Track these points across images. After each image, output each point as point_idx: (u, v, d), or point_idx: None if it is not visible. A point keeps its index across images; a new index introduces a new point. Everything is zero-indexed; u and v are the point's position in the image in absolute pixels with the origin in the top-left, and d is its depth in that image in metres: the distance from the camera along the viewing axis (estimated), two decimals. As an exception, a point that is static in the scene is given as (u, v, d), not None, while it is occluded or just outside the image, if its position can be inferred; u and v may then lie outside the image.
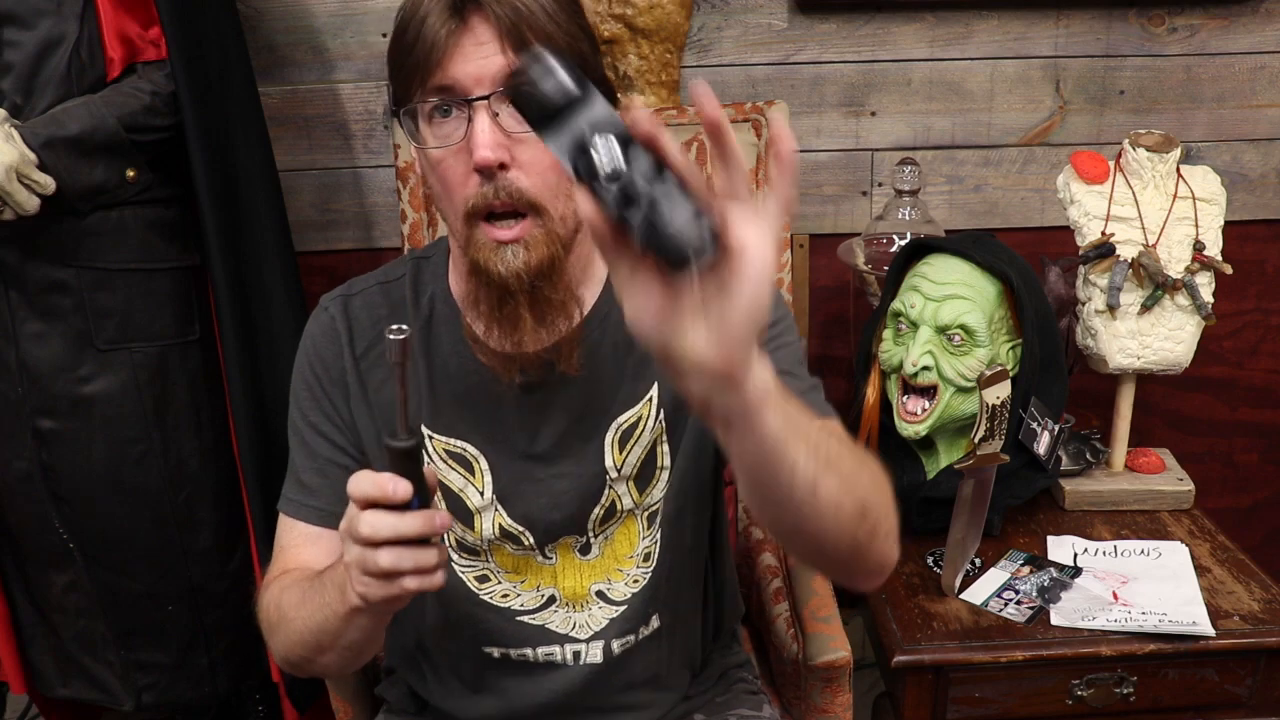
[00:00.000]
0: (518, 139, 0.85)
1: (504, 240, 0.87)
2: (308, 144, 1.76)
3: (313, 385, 1.01)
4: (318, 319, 1.03)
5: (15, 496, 1.49)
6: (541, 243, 0.87)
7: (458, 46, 0.84)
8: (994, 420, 1.32)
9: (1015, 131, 1.81)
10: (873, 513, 0.76)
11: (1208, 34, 1.76)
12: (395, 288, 1.03)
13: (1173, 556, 1.40)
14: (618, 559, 1.03)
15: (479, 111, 0.84)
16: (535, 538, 1.01)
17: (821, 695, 1.21)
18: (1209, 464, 2.02)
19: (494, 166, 0.84)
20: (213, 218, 1.43)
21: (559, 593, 1.03)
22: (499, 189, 0.85)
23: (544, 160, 0.86)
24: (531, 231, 0.87)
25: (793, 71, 1.75)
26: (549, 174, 0.87)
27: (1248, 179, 1.85)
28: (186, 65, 1.38)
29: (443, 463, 1.01)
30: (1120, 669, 1.26)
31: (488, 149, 0.83)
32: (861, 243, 1.67)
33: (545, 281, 0.89)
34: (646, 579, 1.03)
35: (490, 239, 0.87)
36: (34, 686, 1.63)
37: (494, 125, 0.84)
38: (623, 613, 1.04)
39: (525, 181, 0.86)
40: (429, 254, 1.05)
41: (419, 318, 1.01)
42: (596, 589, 1.03)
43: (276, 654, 0.95)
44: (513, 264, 0.87)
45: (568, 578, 1.03)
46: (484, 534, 1.01)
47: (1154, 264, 1.41)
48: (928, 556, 1.42)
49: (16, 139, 1.27)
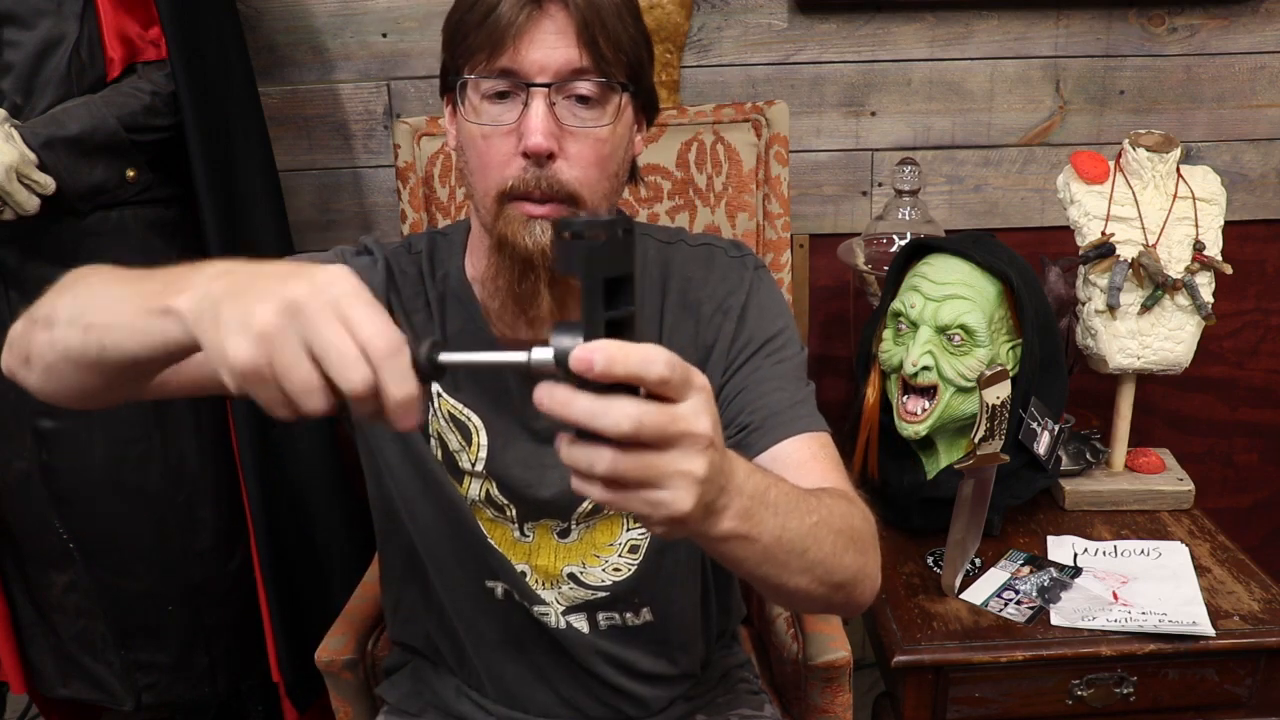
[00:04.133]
0: (568, 130, 0.87)
1: (535, 215, 0.88)
2: (308, 144, 1.76)
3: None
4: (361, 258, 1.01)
5: (15, 496, 1.49)
6: None
7: (532, 32, 0.85)
8: (994, 420, 1.32)
9: (1015, 131, 1.81)
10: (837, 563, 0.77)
11: (1208, 34, 1.76)
12: (415, 260, 1.04)
13: (1173, 556, 1.39)
14: (595, 546, 1.04)
15: (537, 98, 0.86)
16: (518, 512, 1.02)
17: (821, 695, 1.21)
18: (1209, 464, 2.02)
19: (544, 154, 0.86)
20: (213, 218, 1.43)
21: (530, 568, 1.04)
22: (542, 177, 0.87)
23: (590, 155, 0.88)
24: (564, 214, 0.88)
25: (793, 71, 1.75)
26: (592, 169, 0.89)
27: (1248, 179, 1.85)
28: (186, 65, 1.38)
29: (445, 423, 1.02)
30: (1120, 669, 1.26)
31: (541, 135, 0.85)
32: (861, 243, 1.67)
33: None
34: (633, 570, 1.04)
35: (522, 213, 0.88)
36: (34, 686, 1.63)
37: (550, 113, 0.86)
38: (602, 599, 1.04)
39: (568, 174, 0.88)
40: (447, 232, 1.06)
41: (434, 291, 1.02)
42: (569, 570, 1.04)
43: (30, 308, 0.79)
44: (540, 239, 0.88)
45: (542, 556, 1.04)
46: (469, 494, 1.02)
47: (1154, 264, 1.41)
48: (928, 556, 1.42)
49: (16, 139, 1.27)
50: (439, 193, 1.53)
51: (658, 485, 0.56)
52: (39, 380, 0.77)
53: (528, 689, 1.08)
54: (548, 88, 0.85)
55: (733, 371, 0.98)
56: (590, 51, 0.86)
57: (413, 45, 1.72)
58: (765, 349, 0.99)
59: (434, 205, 1.54)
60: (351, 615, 1.29)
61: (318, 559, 1.61)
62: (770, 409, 0.94)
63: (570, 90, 0.87)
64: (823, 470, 0.91)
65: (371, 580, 1.36)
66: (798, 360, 1.00)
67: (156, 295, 0.65)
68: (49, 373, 0.76)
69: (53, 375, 0.76)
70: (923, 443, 1.46)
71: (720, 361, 0.99)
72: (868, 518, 0.84)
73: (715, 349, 1.00)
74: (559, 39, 0.85)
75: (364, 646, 1.26)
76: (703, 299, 1.01)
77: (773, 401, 0.95)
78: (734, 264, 1.03)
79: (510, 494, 1.01)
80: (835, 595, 0.78)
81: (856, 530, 0.80)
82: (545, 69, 0.85)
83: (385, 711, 1.19)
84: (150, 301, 0.65)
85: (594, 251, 0.54)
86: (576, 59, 0.85)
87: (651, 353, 0.54)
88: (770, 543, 0.68)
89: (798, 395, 0.97)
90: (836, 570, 0.76)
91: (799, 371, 1.00)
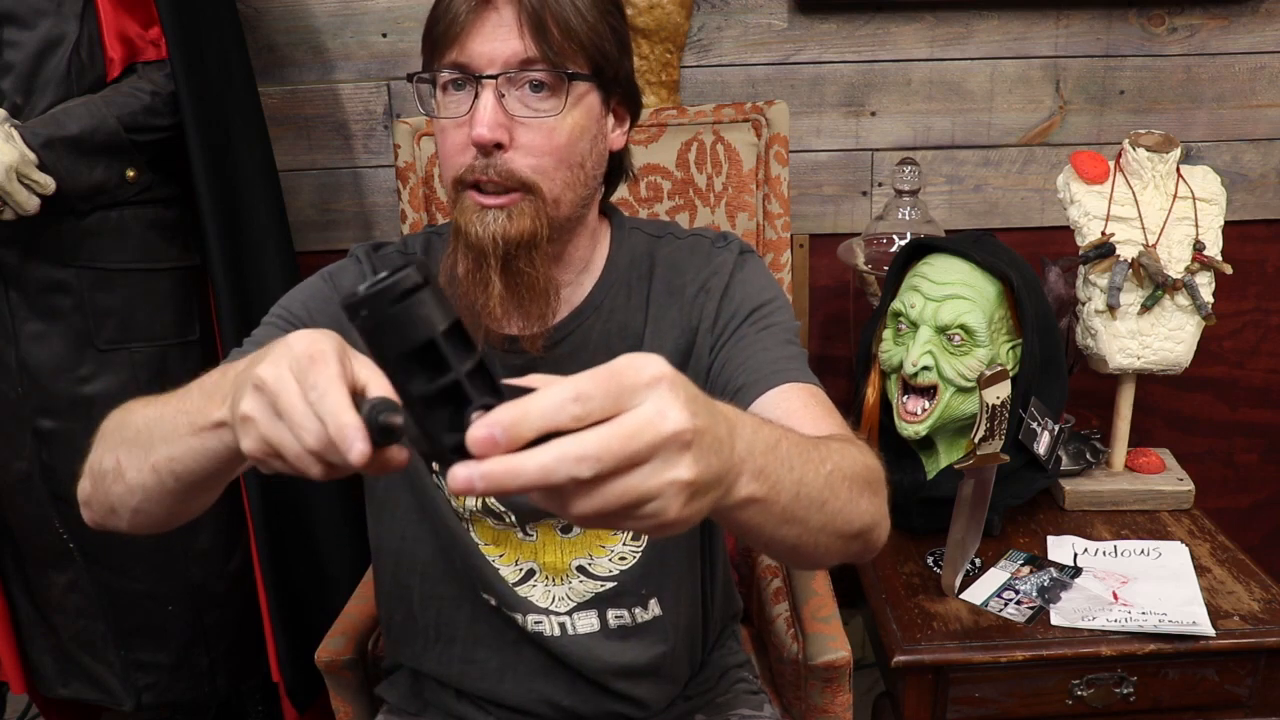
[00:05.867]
0: (519, 121, 0.89)
1: (487, 205, 0.90)
2: (308, 144, 1.76)
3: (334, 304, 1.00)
4: (349, 266, 1.04)
5: (15, 496, 1.49)
6: (527, 215, 0.90)
7: (479, 25, 0.87)
8: (994, 420, 1.32)
9: (1015, 131, 1.81)
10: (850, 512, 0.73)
11: (1208, 34, 1.76)
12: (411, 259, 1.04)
13: (1173, 556, 1.39)
14: (600, 536, 1.04)
15: (485, 89, 0.88)
16: (517, 516, 1.02)
17: (821, 695, 1.21)
18: (1209, 464, 2.01)
19: (490, 145, 0.88)
20: (213, 218, 1.43)
21: (539, 566, 1.04)
22: (491, 166, 0.89)
23: (542, 143, 0.89)
24: (519, 204, 0.90)
25: (793, 71, 1.75)
26: (547, 158, 0.90)
27: (1248, 179, 1.85)
28: (186, 65, 1.38)
29: None
30: (1120, 669, 1.26)
31: (485, 127, 0.87)
32: (861, 243, 1.67)
33: (522, 253, 0.91)
34: (638, 557, 1.04)
35: (474, 203, 0.90)
36: (34, 686, 1.63)
37: (498, 105, 0.88)
38: (612, 589, 1.04)
39: (520, 162, 0.89)
40: (442, 230, 1.07)
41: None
42: (577, 564, 1.04)
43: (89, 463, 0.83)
44: (491, 227, 0.89)
45: (548, 553, 1.04)
46: (466, 505, 1.03)
47: (1154, 264, 1.41)
48: (928, 556, 1.42)
49: (16, 139, 1.27)
50: (439, 193, 1.53)
51: (647, 502, 0.51)
52: (130, 524, 0.82)
53: (525, 695, 1.08)
54: (495, 79, 0.87)
55: (720, 345, 0.98)
56: (537, 41, 0.87)
57: (413, 45, 1.71)
58: (751, 318, 0.98)
59: (434, 205, 1.54)
60: (351, 615, 1.29)
61: (318, 559, 1.61)
62: (754, 366, 0.94)
63: (521, 80, 0.88)
64: (814, 417, 0.87)
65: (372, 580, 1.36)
66: (787, 326, 0.99)
67: (200, 412, 0.69)
68: (137, 515, 0.80)
69: (140, 516, 0.80)
70: (923, 443, 1.46)
71: (707, 338, 0.99)
72: (876, 458, 0.80)
73: (700, 328, 1.00)
74: (506, 31, 0.87)
75: (364, 646, 1.26)
76: (686, 283, 1.02)
77: (758, 360, 0.94)
78: (718, 250, 1.04)
79: (504, 499, 1.02)
80: (853, 545, 0.75)
81: (870, 471, 0.77)
82: (493, 60, 0.87)
83: (385, 711, 1.19)
84: (198, 420, 0.69)
85: (370, 331, 0.48)
86: (522, 50, 0.87)
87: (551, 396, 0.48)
88: (789, 501, 0.64)
89: (784, 353, 0.95)
90: (855, 518, 0.73)
91: (789, 336, 0.98)
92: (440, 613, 1.09)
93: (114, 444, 0.79)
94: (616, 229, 1.05)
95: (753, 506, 0.60)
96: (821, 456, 0.69)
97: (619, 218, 1.07)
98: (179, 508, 0.79)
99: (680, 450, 0.51)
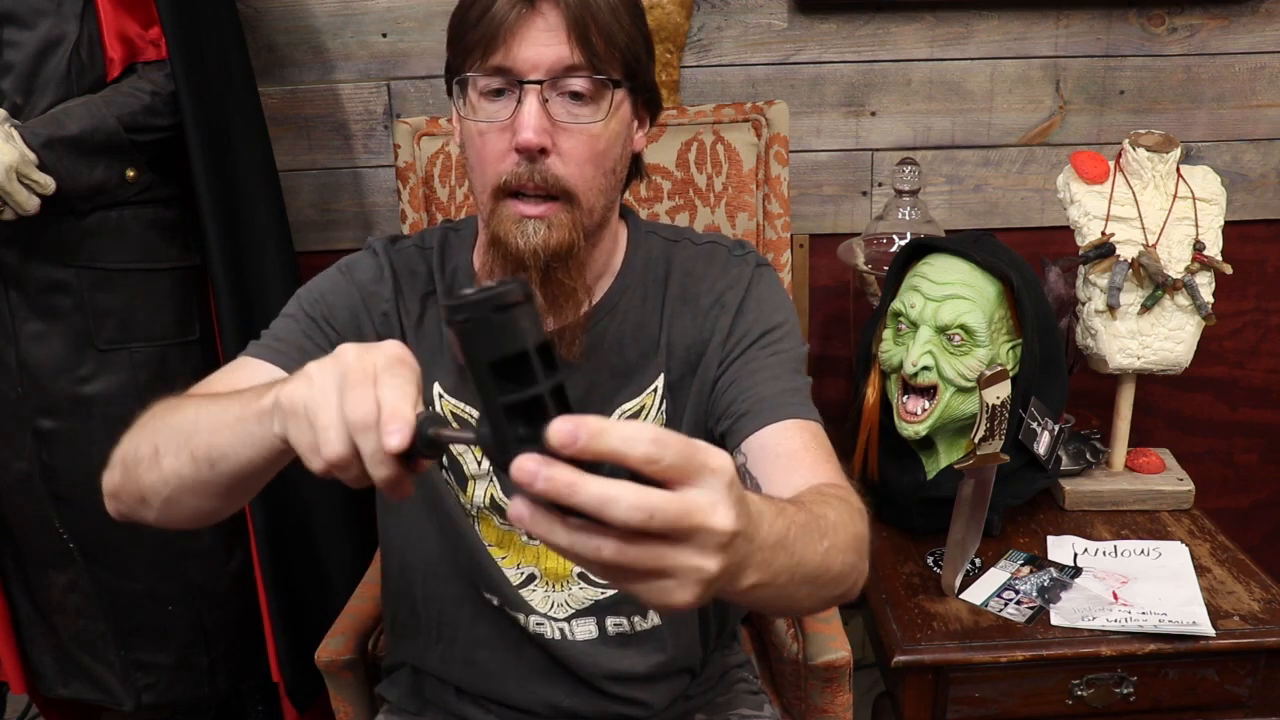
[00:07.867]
0: (561, 127, 0.88)
1: (528, 215, 0.89)
2: (308, 144, 1.77)
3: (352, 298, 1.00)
4: (366, 260, 1.04)
5: (15, 496, 1.49)
6: (565, 226, 0.90)
7: (525, 30, 0.87)
8: (994, 420, 1.32)
9: (1015, 131, 1.81)
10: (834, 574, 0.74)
11: (1208, 34, 1.76)
12: (426, 256, 1.05)
13: (1173, 556, 1.39)
14: None
15: (529, 94, 0.87)
16: None
17: (821, 695, 1.21)
18: (1209, 464, 2.02)
19: (535, 150, 0.87)
20: (213, 218, 1.43)
21: (539, 571, 1.04)
22: (535, 171, 0.88)
23: (584, 150, 0.89)
24: (558, 214, 0.90)
25: (793, 71, 1.75)
26: (586, 165, 0.90)
27: (1248, 179, 1.85)
28: (186, 65, 1.38)
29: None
30: (1120, 669, 1.25)
31: (532, 131, 0.86)
32: (861, 243, 1.67)
33: (560, 264, 0.91)
34: None
35: (515, 213, 0.90)
36: (34, 686, 1.64)
37: (542, 110, 0.87)
38: (611, 596, 1.04)
39: (562, 169, 0.89)
40: (459, 226, 1.07)
41: (442, 285, 1.03)
42: (579, 570, 1.04)
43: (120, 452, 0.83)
44: (533, 239, 0.89)
45: (551, 558, 1.04)
46: (475, 500, 1.03)
47: (1154, 264, 1.41)
48: (928, 556, 1.42)
49: (16, 139, 1.27)
50: (439, 193, 1.53)
51: (663, 577, 0.51)
52: (158, 514, 0.81)
53: (526, 696, 1.08)
54: (540, 84, 0.87)
55: (728, 364, 0.99)
56: (583, 48, 0.87)
57: (413, 45, 1.72)
58: (761, 341, 0.99)
59: (434, 205, 1.54)
60: (351, 615, 1.29)
61: (318, 559, 1.61)
62: (760, 395, 0.94)
63: (564, 87, 0.88)
64: (813, 461, 0.89)
65: (372, 580, 1.36)
66: (795, 353, 1.00)
67: (250, 402, 0.70)
68: (168, 505, 0.79)
69: (171, 506, 0.79)
70: (923, 443, 1.46)
71: (716, 354, 1.00)
72: (863, 514, 0.81)
73: (711, 342, 1.00)
74: (551, 36, 0.86)
75: (364, 646, 1.26)
76: (701, 293, 1.02)
77: (764, 389, 0.95)
78: (735, 260, 1.04)
79: (511, 495, 1.01)
80: (831, 600, 0.77)
81: (860, 541, 0.78)
82: (538, 66, 0.87)
83: (385, 711, 1.19)
84: (246, 409, 0.70)
85: (468, 335, 0.50)
86: (569, 56, 0.87)
87: (633, 427, 0.49)
88: (784, 583, 0.65)
89: (790, 384, 0.96)
90: (840, 584, 0.75)
91: (796, 364, 0.99)
92: (443, 611, 1.09)
93: (153, 431, 0.79)
94: (633, 230, 1.06)
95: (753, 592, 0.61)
96: (821, 533, 0.70)
97: (635, 219, 1.07)
98: (211, 502, 0.78)
99: (716, 547, 0.52)
